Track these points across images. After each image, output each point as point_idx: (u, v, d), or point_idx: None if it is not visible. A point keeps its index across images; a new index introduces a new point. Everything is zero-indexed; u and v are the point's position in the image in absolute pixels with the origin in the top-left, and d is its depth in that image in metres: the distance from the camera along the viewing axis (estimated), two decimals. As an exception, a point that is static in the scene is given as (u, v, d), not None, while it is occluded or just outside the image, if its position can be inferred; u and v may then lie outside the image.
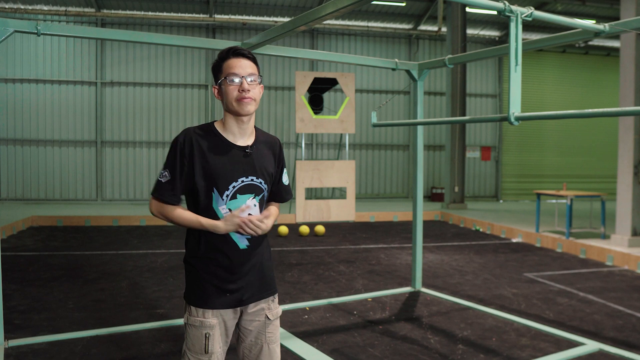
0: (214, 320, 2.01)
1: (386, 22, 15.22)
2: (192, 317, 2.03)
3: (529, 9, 3.08)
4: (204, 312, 2.01)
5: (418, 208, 5.26)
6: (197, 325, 2.01)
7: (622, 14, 7.65)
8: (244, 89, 1.98)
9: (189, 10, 13.95)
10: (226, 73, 1.99)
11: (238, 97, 1.98)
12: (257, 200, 2.06)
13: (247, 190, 2.02)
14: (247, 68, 2.01)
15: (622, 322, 4.73)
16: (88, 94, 13.76)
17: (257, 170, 2.05)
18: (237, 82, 1.98)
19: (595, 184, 16.50)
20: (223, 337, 2.06)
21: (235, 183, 2.00)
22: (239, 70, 1.99)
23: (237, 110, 1.99)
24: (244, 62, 2.01)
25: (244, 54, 2.02)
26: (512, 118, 3.06)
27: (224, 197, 1.99)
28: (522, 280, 6.24)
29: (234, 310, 2.07)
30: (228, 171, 1.98)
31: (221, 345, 2.06)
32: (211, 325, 2.01)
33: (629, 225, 7.67)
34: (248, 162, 2.03)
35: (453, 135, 13.08)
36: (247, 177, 2.02)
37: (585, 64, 16.97)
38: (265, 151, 2.11)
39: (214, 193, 1.98)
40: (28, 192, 13.50)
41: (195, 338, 2.02)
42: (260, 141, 2.11)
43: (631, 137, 7.64)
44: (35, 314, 4.69)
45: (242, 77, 1.98)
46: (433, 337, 4.24)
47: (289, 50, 4.58)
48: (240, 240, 2.03)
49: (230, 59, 2.01)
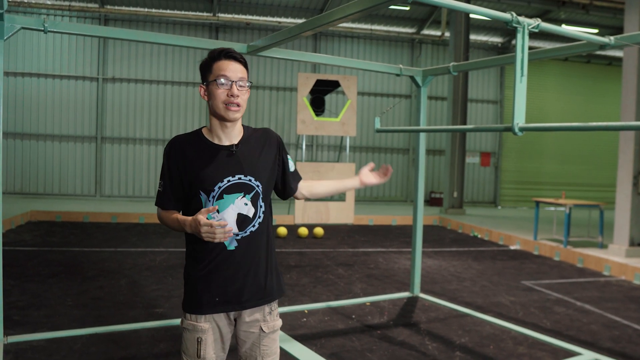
0: (205, 324, 2.01)
1: (390, 25, 15.25)
2: (186, 321, 2.04)
3: (536, 20, 3.09)
4: (196, 317, 2.02)
5: (419, 213, 5.27)
6: (190, 329, 2.02)
7: (626, 25, 7.68)
8: (233, 93, 1.97)
9: (193, 9, 13.96)
10: (216, 75, 1.97)
11: (226, 101, 1.97)
12: (249, 199, 2.01)
13: (235, 189, 1.99)
14: (238, 72, 1.99)
15: (618, 332, 4.75)
16: (89, 89, 13.75)
17: (245, 168, 2.01)
18: (227, 85, 1.97)
19: (594, 193, 16.54)
20: (218, 344, 2.04)
21: (221, 183, 1.98)
22: (230, 74, 1.97)
23: (222, 116, 1.99)
24: (236, 65, 2.00)
25: (235, 57, 2.01)
26: (517, 129, 3.07)
27: (210, 198, 1.98)
28: (519, 288, 6.26)
29: (227, 318, 2.05)
30: (212, 172, 1.98)
31: (216, 351, 2.04)
32: (203, 330, 2.00)
33: (627, 235, 7.69)
34: (234, 161, 2.01)
35: (453, 140, 13.10)
36: (234, 176, 2.00)
37: (587, 73, 17.01)
38: (256, 147, 2.08)
39: (201, 195, 1.99)
40: (27, 186, 13.49)
41: (189, 342, 2.02)
42: (249, 138, 2.08)
43: (631, 148, 7.67)
44: (34, 310, 4.69)
45: (232, 81, 1.97)
46: (431, 343, 4.26)
47: (293, 54, 4.59)
48: (229, 242, 1.99)
49: (221, 61, 1.99)
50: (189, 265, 2.06)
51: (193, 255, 2.04)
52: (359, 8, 2.95)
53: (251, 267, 2.03)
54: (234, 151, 2.02)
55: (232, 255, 2.00)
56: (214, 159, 2.00)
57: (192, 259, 2.05)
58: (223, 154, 2.01)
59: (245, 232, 2.01)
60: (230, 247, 2.00)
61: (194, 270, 2.03)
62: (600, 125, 2.84)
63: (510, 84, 16.14)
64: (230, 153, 2.02)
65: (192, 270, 2.04)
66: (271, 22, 14.27)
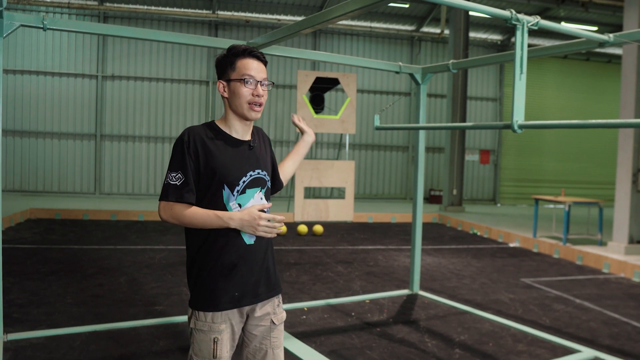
0: (222, 325, 1.98)
1: (389, 23, 15.23)
2: (199, 322, 1.97)
3: (535, 17, 3.09)
4: (212, 317, 1.97)
5: (418, 211, 5.28)
6: (205, 330, 1.97)
7: (625, 23, 7.67)
8: (259, 93, 1.98)
9: (192, 6, 13.94)
10: (242, 73, 1.97)
11: (251, 100, 1.98)
12: (263, 194, 2.06)
13: (255, 184, 2.02)
14: (262, 72, 2.01)
15: (617, 330, 4.76)
16: (89, 87, 13.74)
17: (261, 163, 2.06)
18: (252, 84, 1.97)
19: (593, 190, 16.55)
20: (230, 342, 2.03)
21: (245, 178, 1.99)
22: (256, 74, 1.98)
23: (245, 115, 2.00)
24: (260, 65, 2.01)
25: (259, 57, 2.02)
26: (516, 126, 3.07)
27: (234, 192, 1.97)
28: (519, 286, 6.27)
29: (240, 314, 2.04)
30: (237, 167, 1.98)
31: (228, 350, 2.03)
32: (220, 330, 1.98)
33: (626, 232, 7.70)
34: (253, 155, 2.04)
35: (453, 138, 13.10)
36: (254, 170, 2.02)
37: (586, 70, 17.01)
38: (260, 143, 2.12)
39: (225, 190, 1.96)
40: (26, 183, 13.49)
41: (204, 343, 1.97)
42: (255, 135, 2.12)
43: (631, 145, 7.67)
44: (34, 308, 4.70)
45: (258, 81, 1.98)
46: (430, 340, 4.27)
47: (293, 51, 4.58)
48: (248, 236, 1.99)
49: (246, 59, 1.99)
50: (202, 262, 1.99)
51: (210, 252, 1.98)
52: (358, 5, 2.95)
53: (264, 260, 2.07)
54: (252, 146, 2.05)
55: (251, 250, 2.01)
56: (237, 154, 2.00)
57: (209, 256, 1.98)
58: (245, 149, 2.03)
59: None
60: (249, 242, 2.01)
61: (212, 267, 1.98)
62: (600, 122, 2.84)
63: (509, 82, 16.12)
64: (250, 148, 2.04)
65: (209, 267, 1.98)
66: (270, 19, 14.25)
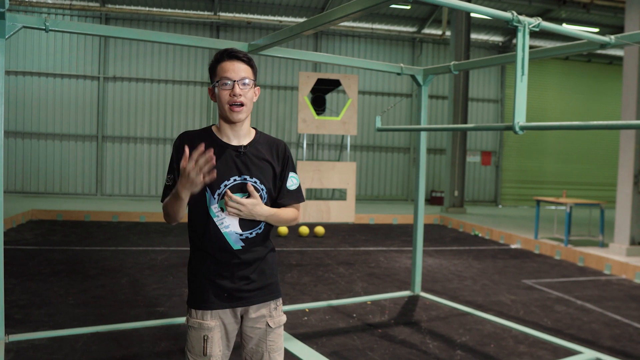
0: (212, 322, 2.02)
1: (390, 24, 15.24)
2: (192, 319, 2.05)
3: (537, 19, 3.09)
4: (202, 314, 2.03)
5: (419, 212, 5.28)
6: (196, 327, 2.03)
7: (627, 24, 7.67)
8: (235, 93, 1.98)
9: (194, 8, 13.96)
10: (219, 76, 1.99)
11: (229, 101, 1.99)
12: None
13: (240, 189, 2.01)
14: (240, 72, 2.00)
15: (619, 331, 4.75)
16: (90, 88, 13.76)
17: (252, 170, 2.03)
18: (229, 86, 1.98)
19: (595, 192, 16.53)
20: (223, 341, 2.06)
21: (227, 182, 2.00)
22: (232, 74, 1.98)
23: (227, 117, 2.02)
24: (238, 65, 2.00)
25: (238, 57, 2.01)
26: (517, 127, 3.07)
27: (215, 195, 1.99)
28: (520, 287, 6.27)
29: (234, 314, 2.06)
30: (219, 169, 1.98)
31: (221, 349, 2.06)
32: (209, 328, 2.02)
33: (628, 234, 7.69)
34: (242, 161, 2.03)
35: (454, 139, 13.10)
36: (240, 175, 2.01)
37: (588, 71, 16.99)
38: (263, 152, 2.09)
39: (207, 192, 1.99)
40: (28, 184, 13.50)
41: (195, 340, 2.03)
42: (260, 142, 2.10)
43: (632, 147, 7.67)
44: (36, 309, 4.70)
45: (234, 81, 1.98)
46: (432, 342, 4.27)
47: (295, 53, 4.59)
48: (235, 242, 2.02)
49: (224, 62, 2.01)
50: (195, 262, 2.08)
51: (201, 253, 2.05)
52: (359, 7, 2.95)
53: (257, 265, 2.07)
54: (242, 152, 2.04)
55: (239, 255, 2.03)
56: (222, 157, 2.01)
57: (199, 256, 2.06)
58: (232, 153, 2.03)
59: (251, 233, 2.04)
60: (236, 247, 2.03)
61: (201, 267, 2.05)
62: (601, 124, 2.84)
63: (511, 83, 16.13)
64: (239, 153, 2.04)
65: (199, 267, 2.05)
66: (272, 21, 14.27)
